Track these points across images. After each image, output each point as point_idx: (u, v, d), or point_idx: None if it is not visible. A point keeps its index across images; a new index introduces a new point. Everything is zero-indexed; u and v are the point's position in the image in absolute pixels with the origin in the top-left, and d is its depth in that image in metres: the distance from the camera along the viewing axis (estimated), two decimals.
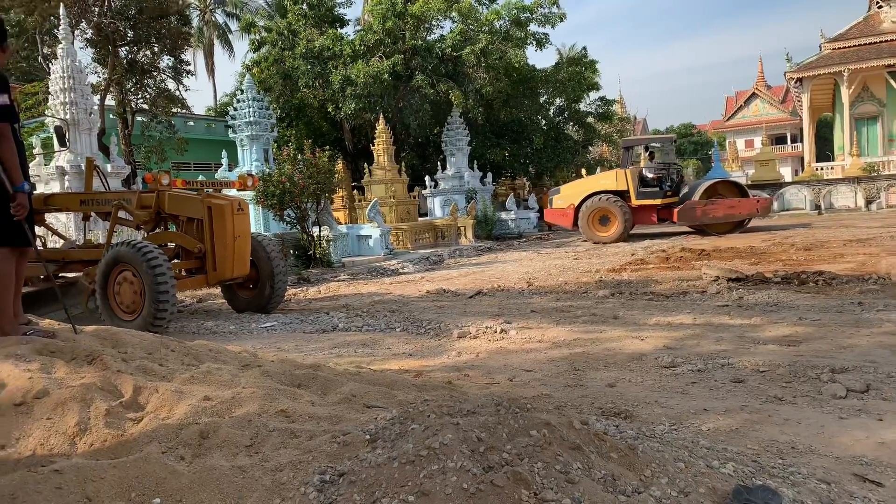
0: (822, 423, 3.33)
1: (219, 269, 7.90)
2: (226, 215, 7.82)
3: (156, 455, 2.43)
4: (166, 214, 8.13)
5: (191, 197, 8.01)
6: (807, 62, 32.57)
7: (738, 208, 17.69)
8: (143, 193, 8.17)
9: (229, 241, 7.85)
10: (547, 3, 26.83)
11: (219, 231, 7.81)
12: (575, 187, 19.84)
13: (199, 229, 7.88)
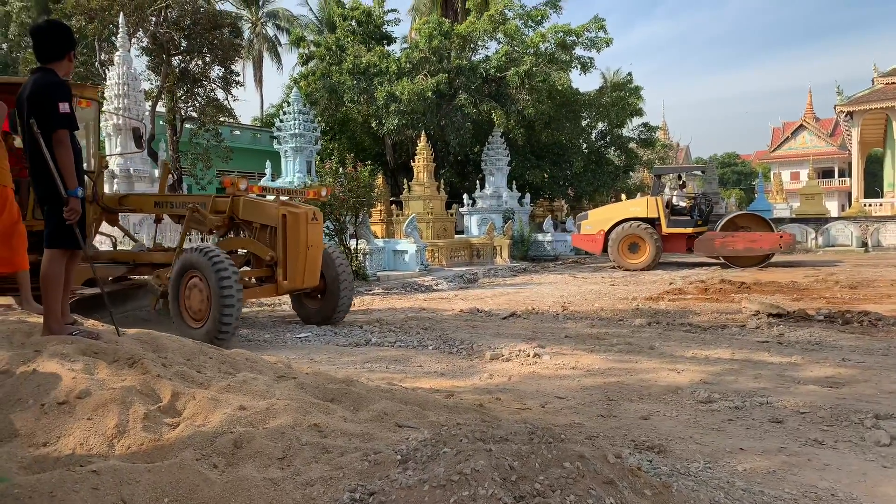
0: (865, 470, 3.23)
1: (289, 279, 7.64)
2: (300, 224, 7.61)
3: (190, 462, 2.47)
4: (240, 221, 7.91)
5: (266, 203, 7.84)
6: (858, 95, 31.93)
7: (760, 242, 17.39)
8: (218, 198, 7.99)
9: (302, 250, 7.63)
10: (593, 28, 26.84)
11: (292, 240, 7.57)
12: (604, 213, 19.76)
13: (272, 237, 7.64)
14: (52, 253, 4.05)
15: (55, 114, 3.86)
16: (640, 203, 19.07)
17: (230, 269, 6.98)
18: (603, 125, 31.65)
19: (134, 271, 8.44)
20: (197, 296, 7.09)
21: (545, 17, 27.38)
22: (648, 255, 18.01)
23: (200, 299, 7.05)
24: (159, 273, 7.74)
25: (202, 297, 7.03)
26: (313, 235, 7.77)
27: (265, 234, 7.71)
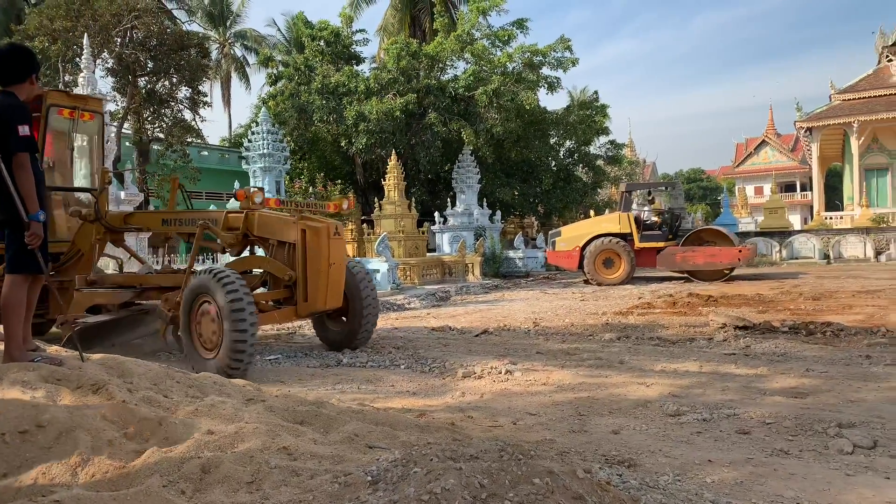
0: (829, 479, 3.29)
1: (310, 300, 7.00)
2: (321, 240, 6.96)
3: (157, 489, 2.43)
4: (255, 237, 7.33)
5: (283, 218, 7.22)
6: (817, 112, 32.85)
7: (719, 256, 17.74)
8: (231, 213, 7.42)
9: (324, 268, 6.98)
10: (560, 48, 27.31)
11: (313, 257, 6.94)
12: (577, 229, 20.02)
13: (291, 255, 7.04)
14: (13, 278, 3.97)
15: (15, 137, 3.81)
16: (613, 219, 19.35)
17: (242, 291, 6.37)
18: (570, 143, 32.10)
19: (141, 296, 7.87)
20: (209, 323, 6.49)
21: (512, 38, 27.80)
22: (623, 269, 18.29)
23: (212, 327, 6.45)
24: (168, 297, 7.19)
25: (214, 324, 6.42)
26: (336, 252, 7.13)
27: (283, 251, 7.13)
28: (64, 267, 8.12)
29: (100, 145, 8.94)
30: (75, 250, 7.99)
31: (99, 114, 8.74)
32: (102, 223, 7.72)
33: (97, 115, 8.66)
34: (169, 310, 7.07)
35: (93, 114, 8.51)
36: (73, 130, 8.50)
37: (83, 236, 7.96)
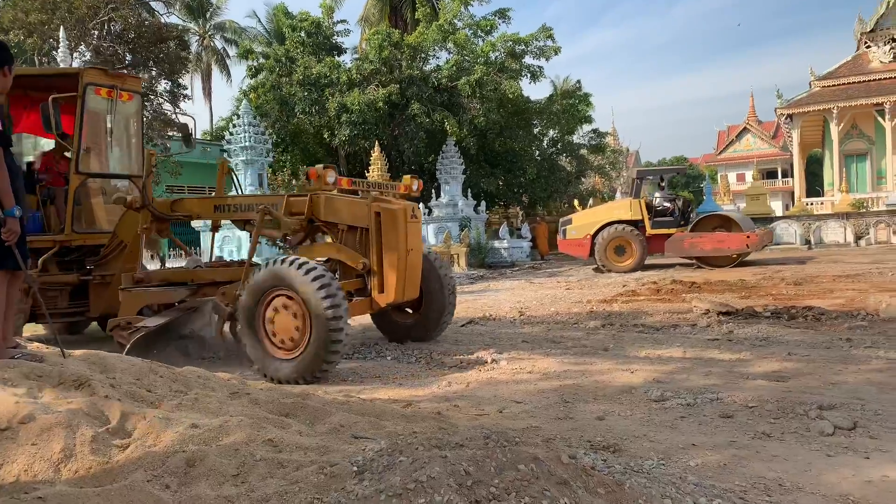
0: (810, 460, 3.34)
1: (387, 291, 6.34)
2: (399, 223, 6.29)
3: (141, 483, 2.42)
4: (321, 223, 6.66)
5: (354, 200, 6.56)
6: (797, 99, 33.10)
7: (727, 243, 17.62)
8: (293, 197, 6.80)
9: (402, 255, 6.30)
10: (542, 37, 27.28)
11: (389, 243, 6.29)
12: (588, 217, 19.83)
13: (363, 241, 6.41)
14: None
15: None
16: (624, 205, 19.20)
17: (335, 284, 5.69)
18: (554, 132, 32.13)
19: (196, 293, 7.09)
20: (287, 320, 5.76)
21: (494, 27, 27.72)
22: (635, 257, 18.17)
23: (292, 324, 5.73)
24: (226, 291, 6.59)
25: (293, 321, 5.72)
26: (413, 236, 6.49)
27: (353, 237, 6.48)
28: (104, 261, 7.82)
29: (139, 126, 8.52)
30: (117, 242, 7.67)
31: (138, 93, 8.33)
32: (150, 209, 7.19)
33: (136, 95, 8.25)
34: (227, 305, 6.48)
35: (131, 93, 8.11)
36: (111, 111, 8.12)
37: (126, 226, 7.58)
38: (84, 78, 7.46)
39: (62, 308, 7.95)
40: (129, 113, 8.29)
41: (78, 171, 7.77)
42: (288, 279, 5.72)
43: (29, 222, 7.83)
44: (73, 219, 7.78)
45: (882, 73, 31.31)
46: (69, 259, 8.12)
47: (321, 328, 5.53)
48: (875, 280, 12.21)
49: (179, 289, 7.09)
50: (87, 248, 8.12)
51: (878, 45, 31.99)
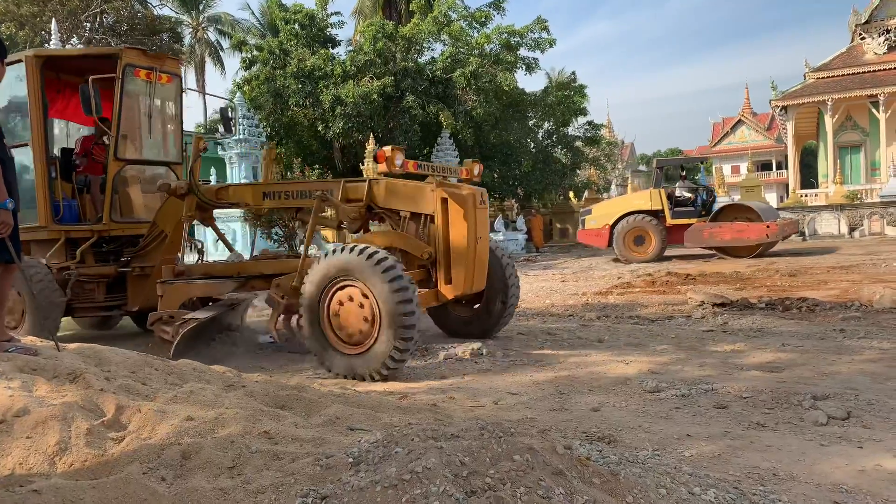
0: (804, 450, 3.36)
1: (455, 282, 5.94)
2: (467, 209, 5.86)
3: (136, 476, 2.42)
4: (381, 210, 6.26)
5: (417, 186, 6.15)
6: (791, 91, 33.13)
7: (746, 232, 17.33)
8: (349, 182, 6.39)
9: (471, 243, 5.87)
10: (537, 29, 27.22)
11: (457, 230, 5.88)
12: (607, 207, 19.75)
13: (428, 229, 6.02)
14: None
15: None
16: (644, 196, 19.10)
17: (406, 276, 5.35)
18: (549, 124, 32.08)
19: (243, 286, 6.80)
20: (354, 313, 5.38)
21: (489, 19, 27.62)
22: (654, 247, 18.05)
23: (359, 317, 5.36)
24: (280, 283, 6.18)
25: (361, 314, 5.35)
26: (482, 224, 6.04)
27: (417, 225, 6.08)
28: (143, 252, 7.52)
29: (178, 109, 8.25)
30: (157, 232, 7.36)
31: (177, 76, 8.08)
32: (199, 198, 6.80)
33: (175, 78, 7.99)
34: (282, 296, 6.08)
35: (171, 76, 7.86)
36: (151, 94, 7.82)
37: (167, 215, 7.27)
38: (123, 59, 7.21)
39: (99, 301, 7.74)
40: (168, 96, 8.00)
41: (117, 157, 7.52)
42: (354, 269, 5.31)
43: (65, 211, 7.55)
44: (111, 207, 7.57)
45: (876, 65, 31.35)
46: (106, 250, 7.92)
47: (391, 322, 5.16)
48: (869, 271, 12.26)
49: (227, 282, 6.70)
50: (125, 239, 7.93)
51: (873, 37, 32.02)
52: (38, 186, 7.34)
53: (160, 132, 8.19)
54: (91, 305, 7.69)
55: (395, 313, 5.14)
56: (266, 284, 6.47)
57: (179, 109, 8.23)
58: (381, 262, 5.24)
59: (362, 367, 5.34)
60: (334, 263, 5.43)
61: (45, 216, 7.40)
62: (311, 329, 5.54)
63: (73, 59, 8.36)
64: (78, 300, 7.44)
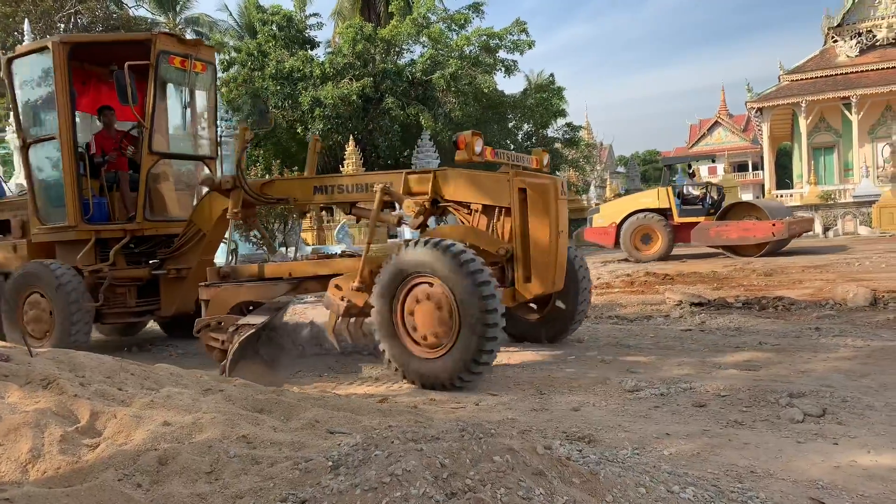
0: (781, 447, 3.39)
1: (535, 281, 5.38)
2: (548, 200, 5.32)
3: (112, 482, 2.38)
4: (447, 203, 5.72)
5: (490, 176, 5.63)
6: (766, 93, 33.58)
7: (753, 231, 17.10)
8: (412, 174, 5.89)
9: (552, 238, 5.33)
10: (516, 31, 27.33)
11: (537, 224, 5.32)
12: (615, 206, 19.65)
13: (503, 222, 5.49)
14: None
15: None
16: (651, 194, 18.99)
17: (487, 271, 4.85)
18: (528, 126, 32.22)
19: (296, 288, 6.24)
20: (429, 313, 4.90)
21: (468, 21, 27.70)
22: (661, 245, 17.94)
23: (438, 317, 4.85)
24: (339, 284, 5.67)
25: (439, 314, 4.86)
26: (563, 217, 5.55)
27: (490, 218, 5.55)
28: (178, 253, 7.01)
29: (214, 103, 7.72)
30: (193, 231, 6.85)
31: (212, 65, 7.50)
32: (247, 193, 6.21)
33: (209, 66, 7.44)
34: (342, 298, 5.59)
35: (205, 64, 7.31)
36: (186, 84, 7.32)
37: (205, 213, 6.74)
38: (157, 45, 6.69)
39: (130, 307, 7.28)
40: (202, 85, 7.46)
41: (151, 150, 7.02)
42: (431, 264, 4.86)
43: (95, 210, 7.13)
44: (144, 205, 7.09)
45: (849, 67, 31.88)
46: (138, 251, 7.42)
47: (472, 322, 4.70)
48: (842, 270, 12.45)
49: (279, 284, 6.13)
50: (158, 239, 7.45)
51: (845, 40, 32.56)
52: (66, 183, 6.88)
53: (195, 125, 7.70)
54: (122, 311, 7.25)
55: (478, 313, 4.67)
56: (320, 286, 6.05)
57: (214, 100, 7.74)
58: (461, 257, 4.78)
59: (440, 373, 4.85)
60: (409, 259, 4.99)
61: (73, 215, 6.92)
62: (383, 331, 5.08)
63: (101, 45, 7.71)
64: (107, 305, 7.03)
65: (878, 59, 31.56)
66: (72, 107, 6.92)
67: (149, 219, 7.19)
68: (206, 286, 6.13)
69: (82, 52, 7.27)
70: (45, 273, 6.71)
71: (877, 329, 6.74)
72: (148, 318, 7.61)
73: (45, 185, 7.30)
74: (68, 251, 7.10)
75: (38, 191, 7.30)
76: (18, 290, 6.91)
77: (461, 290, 4.73)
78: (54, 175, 7.12)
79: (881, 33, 31.80)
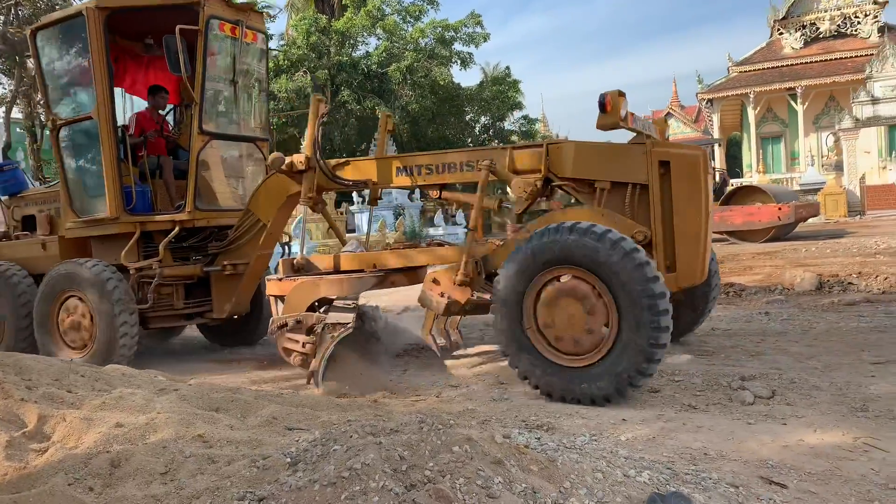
0: (733, 429, 3.49)
1: (681, 270, 4.49)
2: (696, 176, 4.48)
3: (62, 487, 2.32)
4: (564, 181, 4.87)
5: (619, 148, 4.80)
6: (716, 84, 34.34)
7: (757, 215, 16.79)
8: (518, 149, 5.11)
9: (702, 220, 4.47)
10: (471, 24, 27.37)
11: (683, 203, 4.46)
12: None
13: (638, 202, 4.61)
14: None
15: None
16: None
17: (654, 263, 4.12)
18: (486, 119, 32.35)
19: (382, 282, 5.51)
20: (576, 313, 4.12)
21: (423, 13, 27.64)
22: None
23: (588, 318, 4.11)
24: (438, 277, 5.01)
25: (591, 314, 4.10)
26: (710, 196, 4.62)
27: (620, 198, 4.65)
28: (234, 246, 6.10)
29: (265, 77, 6.92)
30: (251, 221, 5.95)
31: (263, 34, 6.73)
32: (326, 174, 5.44)
33: (260, 36, 6.65)
34: (442, 294, 4.93)
35: (256, 33, 6.53)
36: (237, 54, 6.42)
37: (266, 200, 5.83)
38: (206, 9, 5.87)
39: (179, 308, 6.43)
40: (253, 57, 6.64)
41: (202, 130, 6.12)
42: (581, 254, 4.10)
43: (138, 199, 6.20)
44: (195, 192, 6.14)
45: (794, 59, 32.79)
46: (186, 246, 6.50)
47: (638, 324, 3.94)
48: (790, 256, 12.83)
49: (365, 277, 5.38)
50: (208, 231, 6.54)
51: (790, 32, 33.48)
52: (105, 169, 6.00)
53: (246, 101, 6.78)
54: (168, 314, 6.39)
55: (647, 314, 3.93)
56: (408, 280, 5.53)
57: (266, 75, 6.94)
58: (624, 246, 4.01)
59: (589, 385, 4.10)
60: (548, 248, 4.20)
61: (115, 205, 6.03)
62: (509, 335, 4.32)
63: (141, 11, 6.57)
64: (152, 308, 6.11)
65: (822, 50, 32.55)
66: (110, 81, 6.12)
67: (200, 208, 6.25)
68: (278, 280, 5.35)
69: (117, 21, 6.29)
70: (84, 273, 5.90)
71: (822, 312, 6.97)
72: (197, 320, 6.73)
73: (80, 173, 6.45)
74: (107, 247, 6.27)
75: (72, 179, 6.44)
76: (53, 293, 6.10)
77: (623, 286, 3.97)
78: (90, 161, 6.28)
79: (824, 26, 32.80)
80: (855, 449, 3.11)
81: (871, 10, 32.05)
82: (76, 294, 5.96)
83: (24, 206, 7.28)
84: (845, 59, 31.80)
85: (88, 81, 6.11)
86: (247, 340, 7.16)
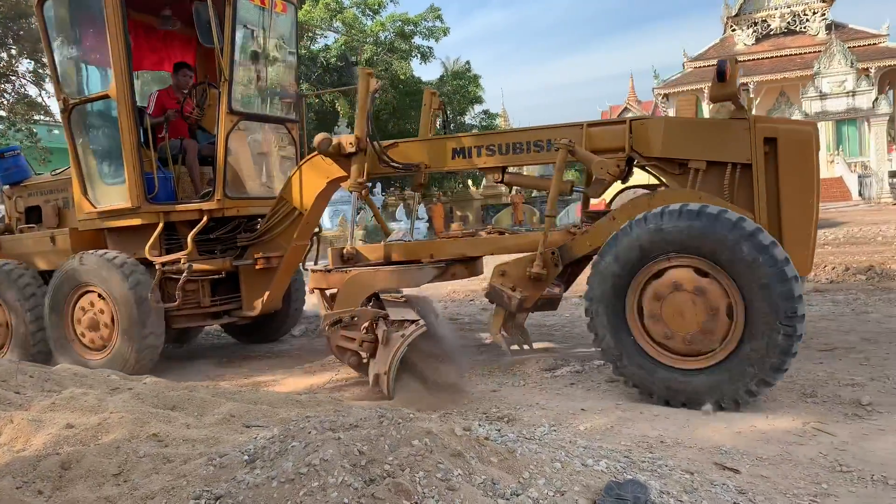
0: (688, 417, 3.56)
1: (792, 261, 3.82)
2: (811, 155, 4.05)
3: (9, 491, 2.25)
4: (651, 160, 4.48)
5: (718, 123, 4.35)
6: (672, 79, 34.97)
7: None
8: (594, 126, 4.62)
9: (815, 205, 4.05)
10: (431, 18, 27.31)
11: (793, 186, 4.05)
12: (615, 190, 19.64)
13: (738, 184, 4.17)
14: None
15: None
16: None
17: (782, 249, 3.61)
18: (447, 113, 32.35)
19: (443, 273, 4.98)
20: (693, 308, 3.67)
21: (382, 6, 27.46)
22: None
23: (706, 315, 3.65)
24: (507, 270, 4.51)
25: (712, 310, 3.64)
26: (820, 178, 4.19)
27: (717, 179, 4.21)
28: (266, 238, 5.62)
29: (296, 53, 6.33)
30: (286, 210, 5.46)
31: (293, 5, 6.17)
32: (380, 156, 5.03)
33: (290, 7, 6.08)
34: (513, 288, 4.47)
35: (286, 4, 5.96)
36: (267, 27, 5.84)
37: (302, 187, 5.34)
38: None
39: (205, 306, 5.87)
40: (283, 31, 6.08)
41: (231, 109, 5.51)
42: (701, 243, 3.64)
43: (160, 187, 5.64)
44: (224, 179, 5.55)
45: (746, 55, 33.57)
46: (213, 237, 5.92)
47: (767, 322, 3.50)
48: None
49: (424, 269, 4.84)
50: (238, 221, 5.99)
51: (742, 29, 34.25)
52: (125, 153, 5.41)
53: (275, 79, 6.19)
54: (194, 312, 5.83)
55: (780, 305, 3.48)
56: (468, 271, 5.13)
57: (296, 51, 6.37)
58: (759, 237, 3.54)
59: (708, 388, 3.67)
60: (656, 236, 3.74)
61: (136, 194, 5.44)
62: (609, 331, 3.93)
63: None
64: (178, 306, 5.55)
65: (773, 47, 33.41)
66: (128, 56, 5.44)
67: (230, 196, 5.66)
68: (325, 273, 4.92)
69: None
70: (104, 267, 5.39)
71: None
72: (225, 319, 6.14)
73: (95, 158, 5.85)
74: (124, 240, 5.74)
75: (86, 165, 5.82)
76: (67, 289, 5.58)
77: (754, 279, 3.53)
78: (106, 144, 5.73)
79: (775, 23, 33.65)
80: (804, 434, 3.21)
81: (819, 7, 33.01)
82: (94, 290, 5.49)
83: (29, 195, 6.63)
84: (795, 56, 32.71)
85: (101, 58, 5.53)
86: (270, 337, 6.89)
